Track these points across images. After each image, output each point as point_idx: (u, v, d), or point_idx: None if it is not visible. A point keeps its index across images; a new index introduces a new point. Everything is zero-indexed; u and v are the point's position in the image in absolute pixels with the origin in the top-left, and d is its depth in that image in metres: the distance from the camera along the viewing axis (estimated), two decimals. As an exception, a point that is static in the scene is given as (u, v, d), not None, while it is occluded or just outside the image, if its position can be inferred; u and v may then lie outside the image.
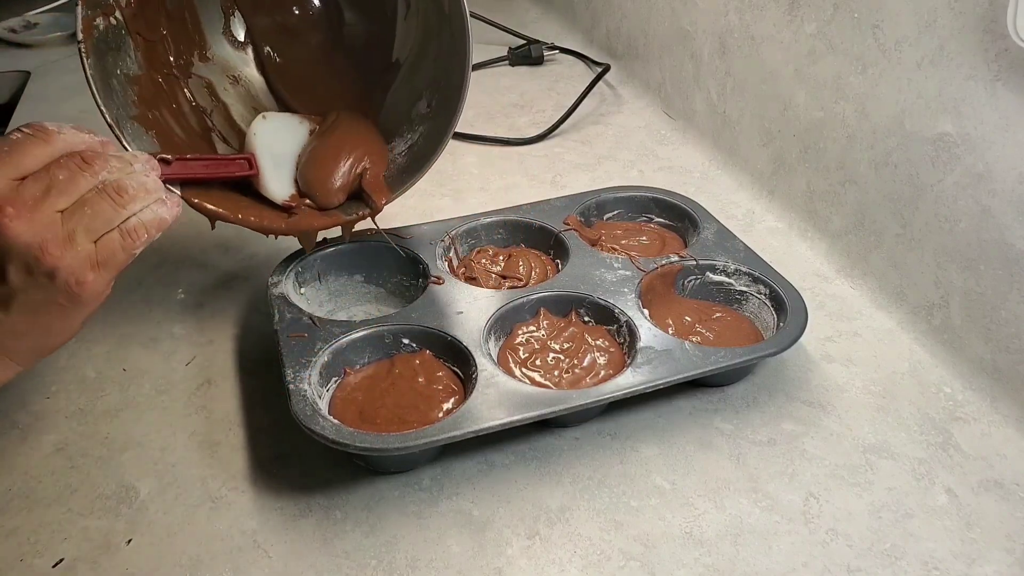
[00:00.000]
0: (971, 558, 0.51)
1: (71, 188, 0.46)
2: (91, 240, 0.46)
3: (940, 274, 0.66)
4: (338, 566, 0.51)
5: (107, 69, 0.59)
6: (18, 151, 0.46)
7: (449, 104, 0.65)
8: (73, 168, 0.46)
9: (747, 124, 0.88)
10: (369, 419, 0.56)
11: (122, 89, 0.60)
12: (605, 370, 0.60)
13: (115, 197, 0.47)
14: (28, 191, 0.45)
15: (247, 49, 0.74)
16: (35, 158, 0.46)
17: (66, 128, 0.48)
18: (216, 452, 0.58)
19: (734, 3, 0.88)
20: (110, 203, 0.47)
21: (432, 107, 0.68)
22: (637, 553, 0.51)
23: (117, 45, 0.60)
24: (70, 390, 0.63)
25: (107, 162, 0.48)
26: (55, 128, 0.48)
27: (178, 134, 0.64)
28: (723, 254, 0.69)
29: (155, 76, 0.64)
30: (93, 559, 0.51)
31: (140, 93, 0.61)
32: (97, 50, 0.57)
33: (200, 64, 0.70)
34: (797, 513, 0.54)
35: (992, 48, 0.59)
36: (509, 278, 0.69)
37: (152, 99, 0.63)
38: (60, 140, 0.47)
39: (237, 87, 0.72)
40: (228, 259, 0.78)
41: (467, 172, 0.93)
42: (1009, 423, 0.60)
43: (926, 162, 0.66)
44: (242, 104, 0.72)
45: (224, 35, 0.72)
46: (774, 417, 0.61)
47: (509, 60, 1.19)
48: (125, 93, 0.60)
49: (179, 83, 0.67)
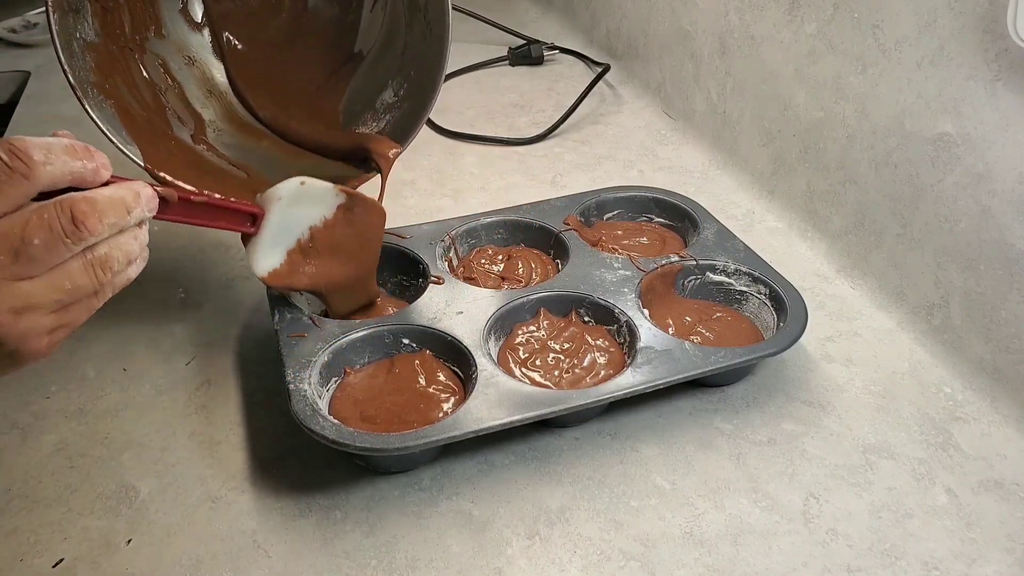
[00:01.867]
0: (971, 558, 0.51)
1: (46, 259, 0.37)
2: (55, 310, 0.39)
3: (940, 274, 0.66)
4: (338, 566, 0.51)
5: (69, 31, 0.57)
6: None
7: (422, 96, 0.66)
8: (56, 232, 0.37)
9: (747, 124, 0.88)
10: (369, 419, 0.56)
11: (81, 54, 0.58)
12: (605, 370, 0.60)
13: (99, 272, 0.40)
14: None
15: (204, 31, 0.72)
16: (7, 199, 0.36)
17: (55, 153, 0.38)
18: (216, 452, 0.58)
19: (734, 3, 0.88)
20: (90, 278, 0.39)
21: (400, 96, 0.69)
22: (637, 553, 0.51)
23: (76, 7, 0.58)
24: (70, 390, 0.63)
25: (100, 222, 0.39)
26: (40, 158, 0.37)
27: (135, 108, 0.62)
28: (723, 254, 0.69)
29: (111, 46, 0.62)
30: (93, 559, 0.51)
31: (97, 61, 0.59)
32: (60, 7, 0.55)
33: (155, 40, 0.68)
34: (797, 513, 0.54)
35: (992, 48, 0.59)
36: (509, 278, 0.69)
37: (108, 69, 0.61)
38: (44, 175, 0.37)
39: (192, 68, 0.70)
40: (228, 259, 0.78)
41: (467, 172, 0.93)
42: (1009, 423, 0.60)
43: (926, 162, 0.66)
44: (197, 86, 0.70)
45: (181, 14, 0.71)
46: (774, 417, 0.61)
47: (509, 60, 1.19)
48: (84, 59, 0.58)
49: (134, 57, 0.65)
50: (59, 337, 0.40)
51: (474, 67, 1.17)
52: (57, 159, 0.38)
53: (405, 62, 0.70)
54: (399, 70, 0.70)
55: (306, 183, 0.58)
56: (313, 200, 0.59)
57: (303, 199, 0.59)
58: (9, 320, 0.37)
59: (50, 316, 0.39)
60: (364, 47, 0.73)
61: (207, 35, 0.72)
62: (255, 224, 0.57)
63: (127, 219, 0.41)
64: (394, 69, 0.70)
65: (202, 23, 0.72)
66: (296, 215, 0.59)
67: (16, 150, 0.36)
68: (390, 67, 0.70)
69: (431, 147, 0.97)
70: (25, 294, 0.37)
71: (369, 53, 0.72)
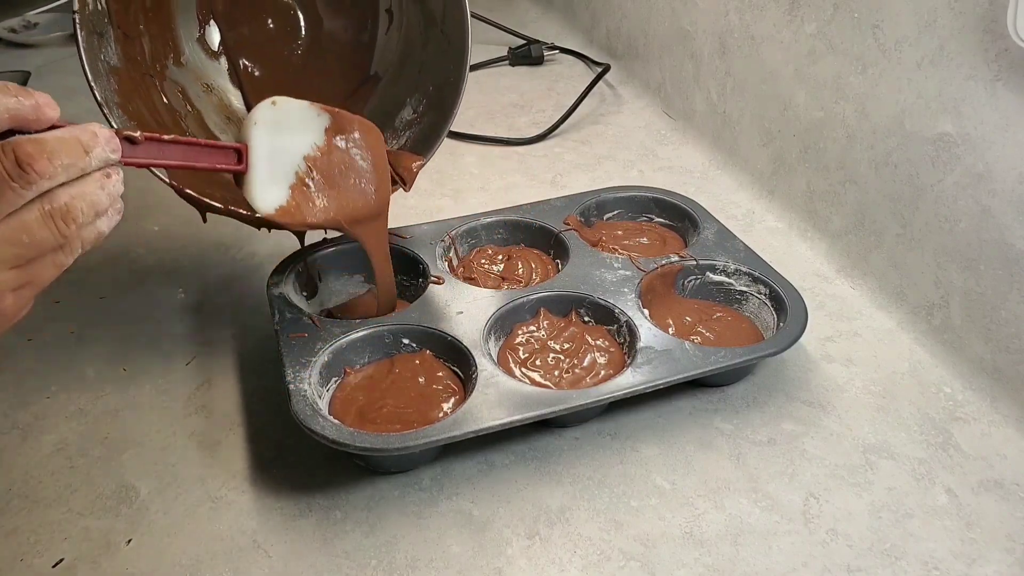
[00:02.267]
0: (971, 558, 0.51)
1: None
2: (15, 265, 0.37)
3: (940, 274, 0.66)
4: (338, 566, 0.51)
5: (94, 51, 0.57)
6: None
7: (443, 107, 0.66)
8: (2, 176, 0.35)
9: (747, 124, 0.88)
10: (369, 419, 0.56)
11: (106, 76, 0.58)
12: (605, 370, 0.60)
13: (60, 225, 0.37)
14: None
15: (220, 59, 0.73)
16: None
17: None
18: (216, 452, 0.58)
19: (734, 3, 0.88)
20: (52, 232, 0.37)
21: (419, 112, 0.69)
22: (637, 553, 0.51)
23: (101, 31, 0.59)
24: (70, 390, 0.63)
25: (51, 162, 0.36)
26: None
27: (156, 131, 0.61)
28: (723, 254, 0.69)
29: (132, 72, 0.63)
30: (93, 559, 0.51)
31: (119, 84, 0.60)
32: (87, 27, 0.56)
33: (175, 68, 0.69)
34: (797, 513, 0.54)
35: (992, 48, 0.59)
36: (509, 278, 0.69)
37: (130, 93, 0.61)
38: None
39: (210, 95, 0.71)
40: (228, 259, 0.78)
41: (467, 172, 0.93)
42: (1009, 423, 0.60)
43: (926, 162, 0.66)
44: (215, 112, 0.71)
45: (198, 42, 0.72)
46: (774, 417, 0.61)
47: (509, 60, 1.19)
48: (108, 80, 0.58)
49: (154, 84, 0.66)
50: (25, 296, 0.38)
51: (474, 67, 1.17)
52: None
53: (422, 79, 0.70)
54: (416, 87, 0.70)
55: (277, 101, 0.55)
56: (295, 125, 0.57)
57: (284, 124, 0.56)
58: None
59: (10, 272, 0.37)
60: (380, 69, 0.73)
61: (224, 62, 0.73)
62: (241, 160, 0.53)
63: (86, 160, 0.38)
64: (411, 87, 0.70)
65: (219, 51, 0.73)
66: (284, 144, 0.56)
67: None
68: (407, 86, 0.71)
69: (431, 147, 0.98)
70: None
71: (386, 74, 0.73)
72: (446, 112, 0.66)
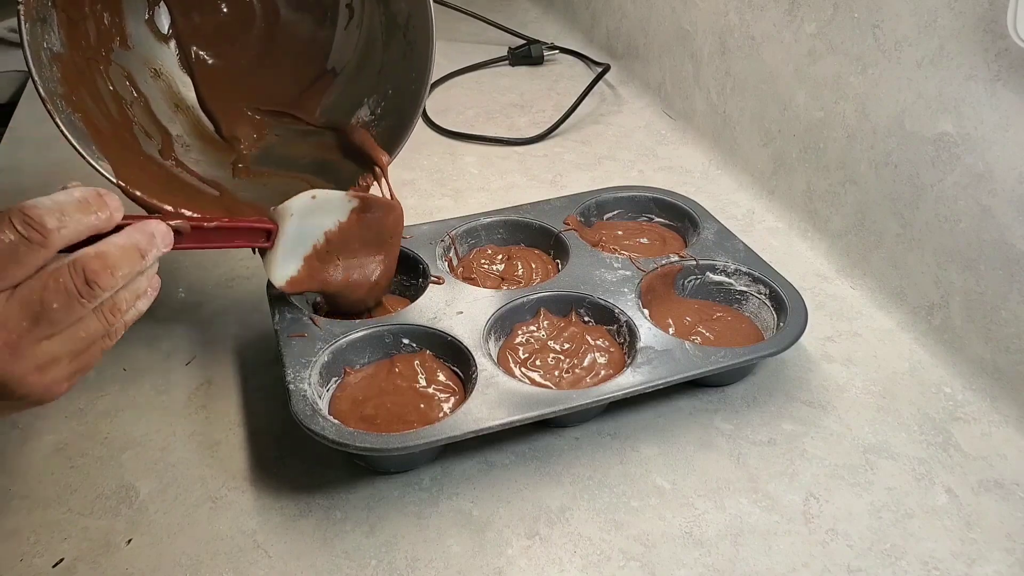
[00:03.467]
0: (971, 558, 0.51)
1: (64, 319, 0.39)
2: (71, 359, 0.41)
3: (940, 274, 0.66)
4: (338, 566, 0.51)
5: (38, 41, 0.56)
6: (5, 258, 0.37)
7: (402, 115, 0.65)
8: (72, 295, 0.39)
9: (747, 124, 0.88)
10: (369, 419, 0.56)
11: (49, 65, 0.57)
12: (605, 370, 0.60)
13: (109, 317, 0.41)
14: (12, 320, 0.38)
15: (170, 43, 0.70)
16: (26, 268, 0.38)
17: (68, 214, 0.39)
18: (216, 452, 0.58)
19: (734, 3, 0.88)
20: (102, 324, 0.41)
21: (377, 114, 0.68)
22: (637, 553, 0.51)
23: (43, 17, 0.57)
24: (70, 390, 0.63)
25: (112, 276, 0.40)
26: (54, 225, 0.38)
27: (102, 122, 0.61)
28: (723, 254, 0.69)
29: (76, 58, 0.61)
30: (93, 559, 0.51)
31: (64, 72, 0.58)
32: (31, 16, 0.55)
33: (121, 51, 0.66)
34: (797, 513, 0.54)
35: (992, 48, 0.59)
36: (509, 278, 0.69)
37: (75, 81, 0.60)
38: (59, 240, 0.39)
39: (158, 81, 0.69)
40: (228, 259, 0.78)
41: (467, 172, 0.93)
42: (1009, 423, 0.60)
43: (926, 162, 0.66)
44: (163, 99, 0.69)
45: (147, 24, 0.69)
46: (774, 417, 0.61)
47: (509, 60, 1.19)
48: (52, 70, 0.57)
49: (99, 69, 0.63)
50: (76, 380, 0.42)
51: (474, 67, 1.17)
52: (71, 220, 0.39)
53: (382, 80, 0.68)
54: (375, 88, 0.69)
55: (317, 196, 0.59)
56: (326, 209, 0.60)
57: (316, 210, 0.59)
58: (36, 378, 0.39)
59: (69, 365, 0.41)
60: (338, 64, 0.71)
61: (174, 47, 0.71)
62: (270, 239, 0.57)
63: (142, 264, 0.42)
64: (370, 87, 0.69)
65: (169, 35, 0.70)
66: (311, 224, 0.60)
67: (30, 220, 0.38)
68: (365, 85, 0.69)
69: (431, 147, 0.97)
70: (47, 352, 0.39)
71: (343, 71, 0.71)
72: (405, 120, 0.65)
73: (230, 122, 0.71)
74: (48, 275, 0.39)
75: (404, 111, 0.66)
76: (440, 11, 1.24)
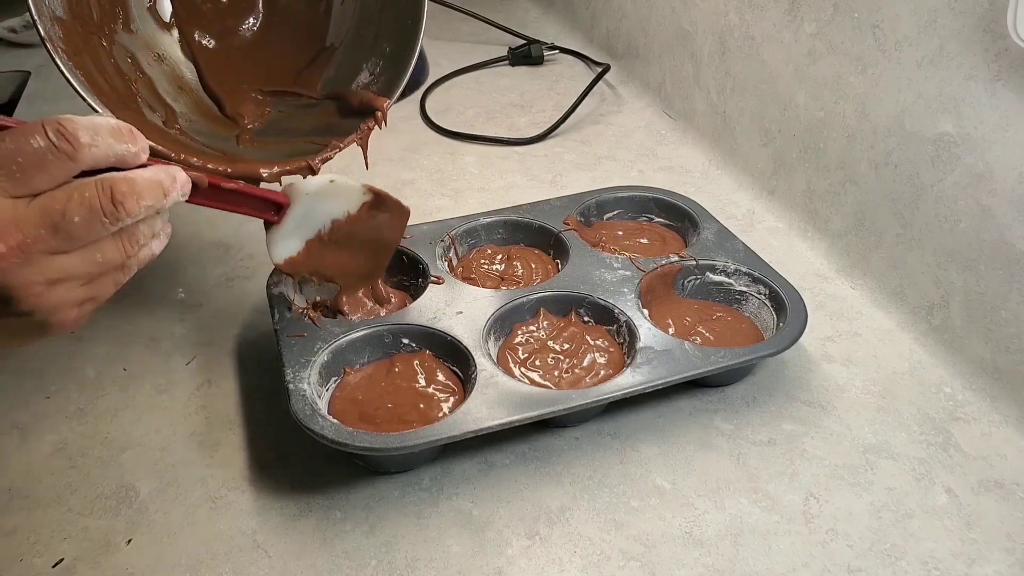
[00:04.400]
0: (971, 558, 0.51)
1: (84, 235, 0.38)
2: (85, 282, 0.40)
3: (940, 274, 0.66)
4: (338, 566, 0.51)
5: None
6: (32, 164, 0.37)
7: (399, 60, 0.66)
8: (95, 211, 0.38)
9: (747, 124, 0.88)
10: (369, 419, 0.56)
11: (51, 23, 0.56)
12: (605, 370, 0.60)
13: (127, 246, 0.41)
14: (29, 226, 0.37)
15: (172, 31, 0.71)
16: (51, 177, 0.37)
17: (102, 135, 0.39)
18: (216, 452, 0.58)
19: (734, 3, 0.88)
20: (120, 251, 0.40)
21: (376, 73, 0.69)
22: (637, 553, 0.51)
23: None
24: (70, 390, 0.63)
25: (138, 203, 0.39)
26: (87, 140, 0.38)
27: (104, 87, 0.60)
28: (723, 254, 0.69)
29: (78, 28, 0.60)
30: (93, 559, 0.51)
31: (65, 35, 0.58)
32: None
33: (124, 35, 0.66)
34: (797, 513, 0.54)
35: (992, 48, 0.59)
36: (508, 278, 0.69)
37: (76, 47, 0.59)
38: (89, 156, 0.38)
39: (162, 65, 0.69)
40: (228, 259, 0.78)
41: (467, 172, 0.93)
42: (1009, 423, 0.60)
43: (926, 162, 0.66)
44: (167, 81, 0.69)
45: (149, 12, 0.70)
46: (774, 417, 0.61)
47: (509, 60, 1.19)
48: (54, 28, 0.56)
49: (102, 45, 0.63)
50: (87, 310, 0.41)
51: (474, 67, 1.17)
52: (103, 141, 0.39)
53: (378, 42, 0.69)
54: (372, 52, 0.69)
55: (336, 181, 0.59)
56: (340, 197, 0.60)
57: (330, 196, 0.59)
58: (43, 291, 0.38)
59: (81, 288, 0.40)
60: (336, 39, 0.72)
61: (176, 34, 0.71)
62: (279, 213, 0.57)
63: (163, 201, 0.42)
64: (367, 53, 0.70)
65: (171, 23, 0.71)
66: (321, 208, 0.59)
67: (64, 131, 0.37)
68: (364, 52, 0.70)
69: (431, 147, 0.98)
70: (59, 267, 0.38)
71: (342, 44, 0.72)
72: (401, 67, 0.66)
73: (233, 102, 0.71)
74: (74, 187, 0.38)
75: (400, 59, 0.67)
76: (440, 11, 1.25)
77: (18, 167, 0.36)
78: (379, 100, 0.66)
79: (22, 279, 0.37)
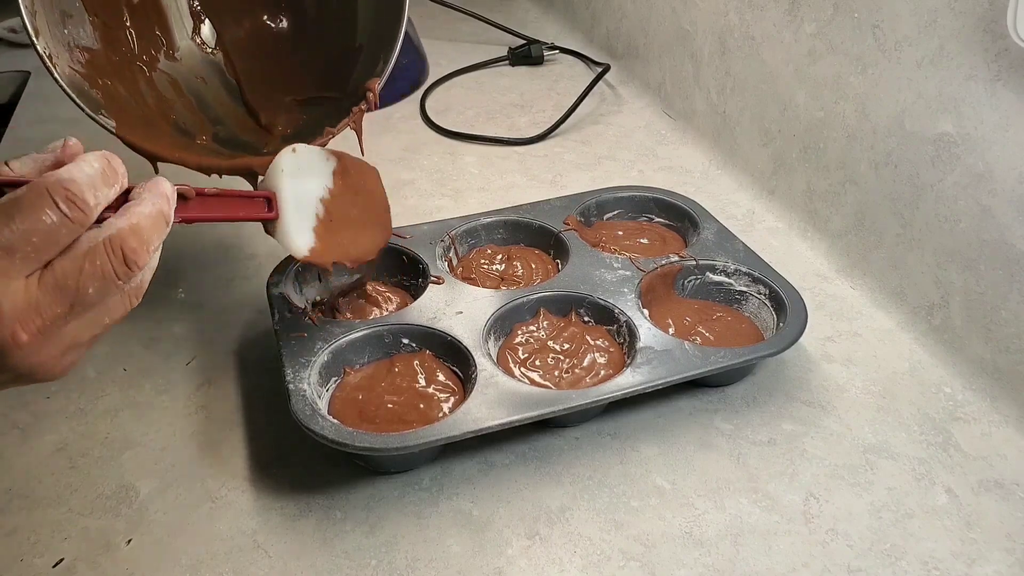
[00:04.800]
0: (971, 558, 0.51)
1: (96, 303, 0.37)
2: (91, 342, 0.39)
3: (940, 274, 0.66)
4: (338, 566, 0.51)
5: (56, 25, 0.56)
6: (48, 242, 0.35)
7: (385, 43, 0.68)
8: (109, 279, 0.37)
9: (747, 124, 0.88)
10: (369, 419, 0.56)
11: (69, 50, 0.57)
12: (605, 370, 0.60)
13: (132, 299, 0.40)
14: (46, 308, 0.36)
15: (216, 54, 0.74)
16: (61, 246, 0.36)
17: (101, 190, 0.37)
18: (216, 452, 0.58)
19: (734, 3, 0.88)
20: (125, 305, 0.39)
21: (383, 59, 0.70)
22: (637, 553, 0.51)
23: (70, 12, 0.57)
24: (70, 390, 0.63)
25: (147, 251, 0.38)
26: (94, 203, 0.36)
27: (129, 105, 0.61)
28: (723, 254, 0.69)
29: (112, 56, 0.62)
30: (93, 559, 0.51)
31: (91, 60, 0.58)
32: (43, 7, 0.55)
33: (167, 62, 0.69)
34: (797, 513, 0.54)
35: (992, 48, 0.59)
36: (508, 278, 0.69)
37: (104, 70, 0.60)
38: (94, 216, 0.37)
39: (206, 86, 0.72)
40: (228, 259, 0.78)
41: (467, 172, 0.93)
42: (1009, 423, 0.60)
43: (926, 162, 0.66)
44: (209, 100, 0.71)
45: (193, 40, 0.73)
46: (774, 417, 0.61)
47: (509, 60, 1.19)
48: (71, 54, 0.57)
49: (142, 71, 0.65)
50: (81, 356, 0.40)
51: (474, 67, 1.17)
52: (103, 195, 0.37)
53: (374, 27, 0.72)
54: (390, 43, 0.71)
55: (297, 148, 0.57)
56: (310, 169, 0.59)
57: (302, 168, 0.58)
58: (58, 363, 0.38)
59: (86, 347, 0.39)
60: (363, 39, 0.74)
61: (219, 55, 0.74)
62: (272, 207, 0.56)
63: (166, 230, 0.40)
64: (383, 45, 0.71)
65: (215, 48, 0.74)
66: (304, 189, 0.58)
67: (74, 198, 0.35)
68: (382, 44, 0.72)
69: (431, 147, 0.98)
70: (70, 336, 0.37)
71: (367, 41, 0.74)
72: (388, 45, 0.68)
73: (269, 114, 0.73)
74: (83, 257, 0.36)
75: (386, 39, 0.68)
76: (440, 11, 1.25)
77: (33, 247, 0.35)
78: (369, 81, 0.66)
79: (41, 358, 0.37)
